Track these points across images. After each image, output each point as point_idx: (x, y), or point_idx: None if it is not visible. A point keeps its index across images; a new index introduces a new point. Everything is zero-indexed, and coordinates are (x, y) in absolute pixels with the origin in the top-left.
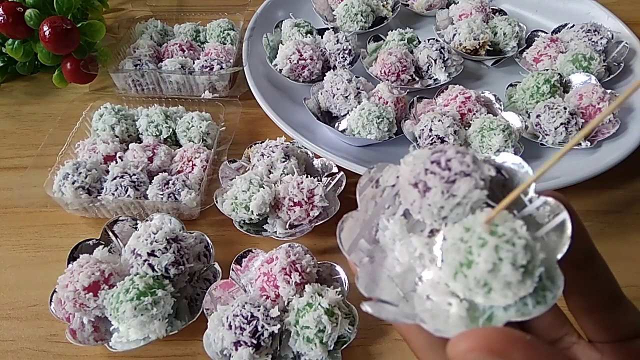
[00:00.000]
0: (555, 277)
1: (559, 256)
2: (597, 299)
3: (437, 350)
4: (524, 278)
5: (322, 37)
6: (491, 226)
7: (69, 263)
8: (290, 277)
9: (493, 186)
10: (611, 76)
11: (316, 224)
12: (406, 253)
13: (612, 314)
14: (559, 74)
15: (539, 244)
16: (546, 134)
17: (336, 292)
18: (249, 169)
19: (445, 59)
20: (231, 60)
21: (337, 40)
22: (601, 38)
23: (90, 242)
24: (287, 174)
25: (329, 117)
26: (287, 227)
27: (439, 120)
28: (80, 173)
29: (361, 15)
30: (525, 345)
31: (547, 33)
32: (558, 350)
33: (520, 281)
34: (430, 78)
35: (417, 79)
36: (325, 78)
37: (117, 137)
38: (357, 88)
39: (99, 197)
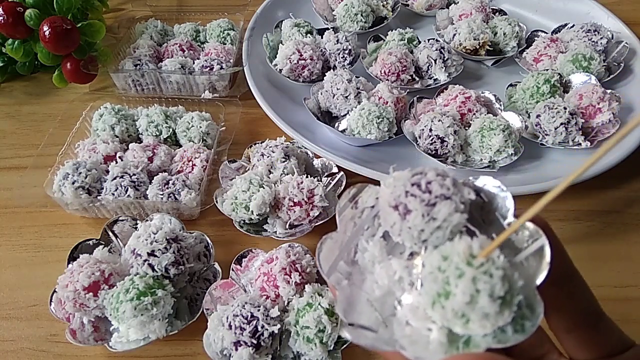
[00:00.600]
0: (535, 305)
1: (538, 282)
2: (577, 317)
3: None
4: (502, 309)
5: (322, 37)
6: (468, 256)
7: (69, 263)
8: (290, 277)
9: (472, 209)
10: (611, 76)
11: (316, 224)
12: (385, 276)
13: (592, 332)
14: (559, 74)
15: (516, 273)
16: (546, 134)
17: None
18: (249, 169)
19: (445, 59)
20: (231, 60)
21: (337, 40)
22: (601, 38)
23: (90, 242)
24: (287, 174)
25: (329, 117)
26: (287, 227)
27: (439, 120)
28: (80, 173)
29: (361, 15)
30: None
31: (547, 33)
32: None
33: (498, 312)
34: (430, 78)
35: (417, 79)
36: (325, 78)
37: (117, 137)
38: (357, 88)
39: (99, 197)
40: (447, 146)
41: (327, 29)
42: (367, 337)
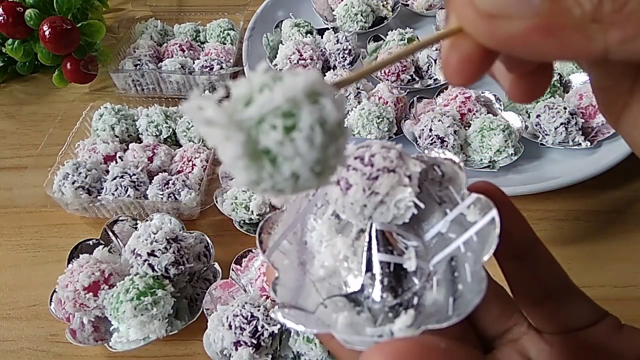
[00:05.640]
0: (479, 281)
1: (486, 257)
2: (541, 290)
3: None
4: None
5: (322, 37)
6: None
7: (69, 263)
8: None
9: (428, 184)
10: None
11: None
12: (330, 256)
13: (558, 306)
14: (559, 73)
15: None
16: (546, 134)
17: None
18: None
19: None
20: (231, 60)
21: (337, 40)
22: None
23: (90, 242)
24: None
25: None
26: None
27: (439, 120)
28: (80, 173)
29: (361, 15)
30: (440, 354)
31: None
32: (478, 354)
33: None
34: (430, 78)
35: (417, 79)
36: (325, 78)
37: (117, 137)
38: (357, 88)
39: (99, 197)
40: (447, 146)
41: (327, 29)
42: (300, 318)
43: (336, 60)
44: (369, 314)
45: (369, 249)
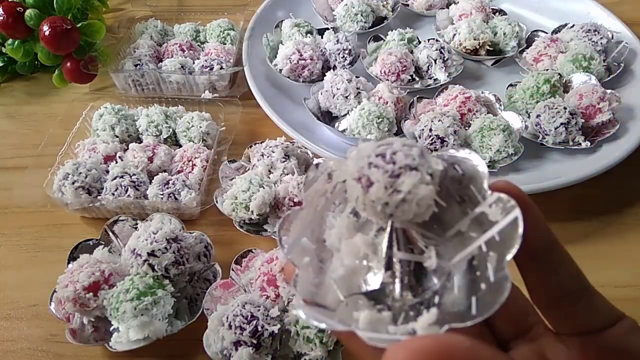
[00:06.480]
0: (503, 280)
1: (509, 257)
2: (559, 292)
3: None
4: None
5: (322, 37)
6: None
7: (69, 263)
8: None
9: (447, 183)
10: (611, 76)
11: None
12: (350, 254)
13: (575, 308)
14: (559, 74)
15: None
16: (546, 134)
17: None
18: (249, 169)
19: (445, 59)
20: (231, 60)
21: (337, 40)
22: (601, 38)
23: (90, 242)
24: (287, 174)
25: (329, 117)
26: None
27: (439, 120)
28: (80, 173)
29: (361, 15)
30: (465, 352)
31: (547, 33)
32: (502, 353)
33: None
34: (430, 78)
35: (417, 79)
36: (325, 78)
37: (117, 137)
38: (357, 88)
39: (99, 197)
40: (447, 146)
41: (327, 29)
42: (322, 315)
43: (336, 60)
44: (389, 312)
45: (389, 247)
